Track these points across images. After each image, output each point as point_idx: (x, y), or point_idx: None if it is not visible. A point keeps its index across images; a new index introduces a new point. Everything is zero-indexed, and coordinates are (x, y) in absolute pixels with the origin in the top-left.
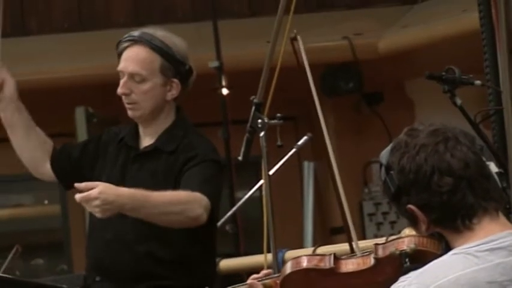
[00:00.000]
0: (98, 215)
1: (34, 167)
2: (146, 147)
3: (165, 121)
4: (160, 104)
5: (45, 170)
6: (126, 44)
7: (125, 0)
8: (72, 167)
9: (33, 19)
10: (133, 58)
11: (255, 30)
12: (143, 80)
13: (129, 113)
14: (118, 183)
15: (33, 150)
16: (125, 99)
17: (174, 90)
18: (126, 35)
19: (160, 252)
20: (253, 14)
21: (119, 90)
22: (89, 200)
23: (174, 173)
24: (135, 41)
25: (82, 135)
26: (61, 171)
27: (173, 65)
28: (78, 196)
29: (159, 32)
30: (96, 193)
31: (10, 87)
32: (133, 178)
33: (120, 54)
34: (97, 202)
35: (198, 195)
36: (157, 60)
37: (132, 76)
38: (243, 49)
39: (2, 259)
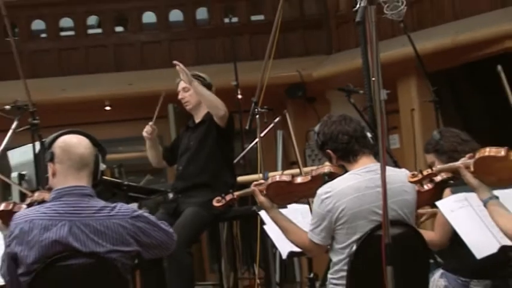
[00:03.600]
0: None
1: (157, 164)
2: (198, 122)
3: (205, 110)
4: (199, 101)
5: (162, 163)
6: (180, 79)
7: (189, 48)
8: (171, 153)
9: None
10: (183, 83)
11: (255, 66)
12: (188, 90)
13: (186, 107)
14: (187, 146)
15: (158, 157)
16: (183, 101)
17: None
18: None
19: (204, 173)
20: (255, 59)
21: (179, 96)
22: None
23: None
24: None
25: (172, 118)
26: (167, 159)
27: (200, 81)
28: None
29: (195, 71)
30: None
31: (155, 133)
32: (193, 139)
33: (178, 84)
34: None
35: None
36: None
37: (183, 89)
38: (248, 76)
39: (135, 178)
